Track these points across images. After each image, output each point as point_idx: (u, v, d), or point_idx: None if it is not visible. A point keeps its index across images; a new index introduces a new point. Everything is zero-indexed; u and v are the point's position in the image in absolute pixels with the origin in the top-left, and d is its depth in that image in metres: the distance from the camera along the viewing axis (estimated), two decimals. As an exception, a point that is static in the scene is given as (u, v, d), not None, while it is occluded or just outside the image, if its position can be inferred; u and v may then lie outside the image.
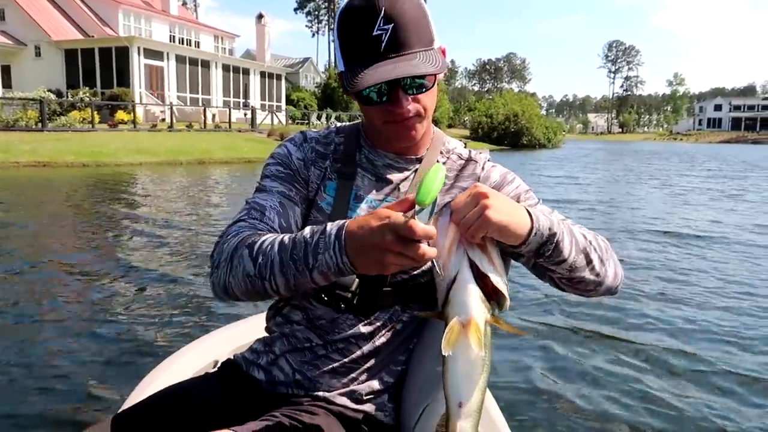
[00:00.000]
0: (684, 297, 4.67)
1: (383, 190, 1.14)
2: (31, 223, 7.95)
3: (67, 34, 32.04)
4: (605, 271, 1.03)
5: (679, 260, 6.06)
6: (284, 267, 0.92)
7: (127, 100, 27.12)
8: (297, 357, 1.13)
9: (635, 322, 4.01)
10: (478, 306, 0.84)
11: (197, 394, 1.12)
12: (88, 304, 4.31)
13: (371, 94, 1.02)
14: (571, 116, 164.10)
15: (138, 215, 8.82)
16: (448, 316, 0.84)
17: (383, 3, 0.97)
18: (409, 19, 0.98)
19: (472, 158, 1.20)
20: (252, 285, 0.96)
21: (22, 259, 5.74)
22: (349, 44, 1.00)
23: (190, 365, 1.59)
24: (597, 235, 1.08)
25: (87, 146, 17.77)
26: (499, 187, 1.15)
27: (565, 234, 0.97)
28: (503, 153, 35.02)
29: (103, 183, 13.24)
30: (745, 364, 3.33)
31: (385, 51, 0.97)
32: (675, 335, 3.77)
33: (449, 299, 0.85)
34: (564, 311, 4.23)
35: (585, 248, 1.00)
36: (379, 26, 0.96)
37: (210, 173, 16.35)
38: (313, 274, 0.90)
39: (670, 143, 77.98)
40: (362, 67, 0.97)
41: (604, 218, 9.11)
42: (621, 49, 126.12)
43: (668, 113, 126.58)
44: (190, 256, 5.89)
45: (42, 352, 3.37)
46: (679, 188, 14.63)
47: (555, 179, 16.37)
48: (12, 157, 15.69)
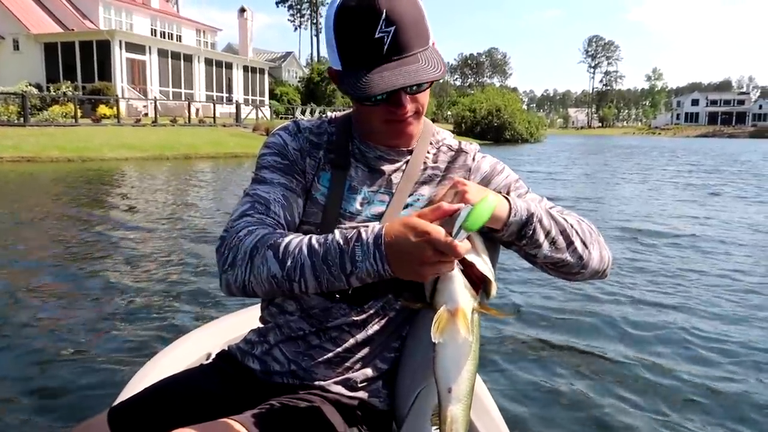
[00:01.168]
0: (668, 298, 4.55)
1: (376, 182, 1.14)
2: (20, 219, 7.93)
3: (46, 28, 31.52)
4: (588, 253, 1.03)
5: (669, 261, 5.88)
6: (317, 271, 0.91)
7: (109, 94, 26.78)
8: (291, 347, 1.13)
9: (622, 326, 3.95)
10: (465, 294, 0.86)
11: (193, 386, 1.12)
12: (79, 298, 4.32)
13: (378, 97, 1.01)
14: (551, 111, 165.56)
15: (127, 210, 8.83)
16: (437, 305, 0.86)
17: (383, 4, 0.95)
18: (410, 20, 0.97)
19: (463, 149, 1.20)
20: (278, 285, 0.95)
21: (7, 254, 5.77)
22: (349, 45, 0.99)
23: (185, 357, 1.58)
24: (582, 219, 1.08)
25: (71, 141, 17.60)
26: (489, 177, 1.16)
27: (543, 215, 0.99)
28: (487, 148, 35.23)
29: (90, 178, 13.16)
30: (721, 372, 3.26)
31: (387, 54, 0.96)
32: (661, 339, 3.72)
33: (437, 289, 0.87)
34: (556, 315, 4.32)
35: (565, 230, 1.01)
36: (380, 29, 0.95)
37: (197, 168, 16.31)
38: (350, 279, 0.90)
39: (649, 137, 79.18)
40: (365, 70, 0.97)
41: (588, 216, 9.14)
42: (600, 45, 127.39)
43: (647, 108, 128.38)
44: (180, 250, 5.90)
45: (32, 347, 3.36)
46: (664, 184, 14.49)
47: (541, 175, 16.50)
48: (-5, 153, 15.50)
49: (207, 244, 6.05)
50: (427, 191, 1.14)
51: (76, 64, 30.13)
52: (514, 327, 3.80)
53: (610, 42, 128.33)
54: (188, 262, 5.37)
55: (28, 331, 3.61)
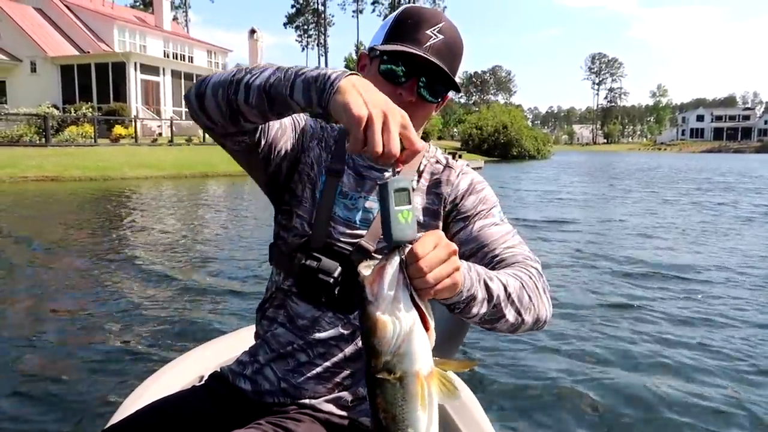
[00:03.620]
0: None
1: (365, 189, 1.18)
2: (42, 236, 8.25)
3: (63, 50, 32.22)
4: (520, 321, 1.01)
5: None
6: (270, 73, 0.95)
7: (124, 115, 27.34)
8: (281, 365, 1.15)
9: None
10: (429, 354, 0.79)
11: (185, 407, 1.14)
12: (80, 318, 4.39)
13: (392, 68, 1.10)
14: (556, 127, 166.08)
15: (151, 227, 9.15)
16: (407, 371, 0.77)
17: (443, 18, 1.12)
18: (454, 44, 1.12)
19: (449, 165, 1.24)
20: (230, 86, 0.98)
21: (21, 269, 6.03)
22: (401, 29, 1.11)
23: (178, 379, 1.60)
24: (531, 276, 1.06)
25: (92, 161, 18.01)
26: (463, 194, 1.19)
27: (479, 292, 0.93)
28: (494, 165, 35.58)
29: (113, 197, 13.55)
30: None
31: (426, 48, 1.08)
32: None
33: (403, 351, 0.77)
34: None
35: (499, 304, 0.97)
36: (433, 30, 1.09)
37: (215, 186, 16.66)
38: (296, 81, 0.91)
39: (655, 153, 79.35)
40: (400, 43, 1.09)
41: (591, 247, 7.80)
42: (604, 62, 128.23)
43: (652, 124, 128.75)
44: (192, 270, 6.06)
45: (28, 365, 3.42)
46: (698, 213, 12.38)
47: (550, 194, 16.58)
48: (20, 172, 15.91)
49: (222, 260, 6.32)
50: (413, 200, 1.24)
51: (92, 86, 30.75)
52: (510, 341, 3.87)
53: (613, 59, 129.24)
54: (194, 281, 5.48)
55: (22, 348, 3.71)
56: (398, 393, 0.77)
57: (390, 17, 1.15)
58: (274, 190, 1.23)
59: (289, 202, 1.20)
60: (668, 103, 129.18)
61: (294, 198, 1.19)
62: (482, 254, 1.12)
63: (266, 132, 1.12)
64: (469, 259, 1.11)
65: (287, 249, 1.17)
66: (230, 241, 7.80)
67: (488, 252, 1.11)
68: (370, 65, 1.15)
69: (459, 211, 1.17)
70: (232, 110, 1.00)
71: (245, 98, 0.96)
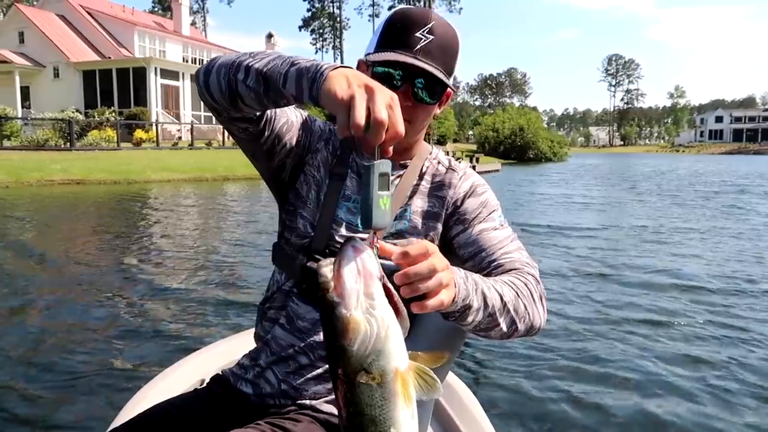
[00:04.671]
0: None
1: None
2: (66, 238, 8.45)
3: (85, 56, 32.82)
4: (514, 329, 1.02)
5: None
6: (270, 59, 0.96)
7: (144, 119, 27.79)
8: (282, 368, 1.16)
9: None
10: (404, 348, 0.76)
11: (187, 410, 1.15)
12: (90, 318, 4.49)
13: (387, 74, 1.09)
14: (572, 129, 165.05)
15: (168, 230, 9.32)
16: (385, 369, 0.73)
17: (433, 18, 1.10)
18: (447, 43, 1.11)
19: (452, 167, 1.24)
20: (232, 67, 0.99)
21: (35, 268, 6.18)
22: (392, 33, 1.11)
23: (179, 382, 1.60)
24: (526, 286, 1.06)
25: (116, 164, 18.34)
26: (464, 198, 1.20)
27: (475, 301, 0.94)
28: (510, 167, 35.52)
29: (136, 199, 13.81)
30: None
31: (416, 51, 1.08)
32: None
33: (379, 349, 0.72)
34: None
35: (494, 314, 0.98)
36: (422, 32, 1.09)
37: (235, 189, 16.85)
38: (290, 70, 0.91)
39: (673, 155, 78.57)
40: (391, 51, 1.09)
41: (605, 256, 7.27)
42: (621, 63, 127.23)
43: (669, 125, 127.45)
44: (206, 272, 6.13)
45: (30, 366, 3.46)
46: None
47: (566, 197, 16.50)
48: (46, 176, 16.24)
49: (243, 264, 6.40)
50: (415, 203, 1.19)
51: (113, 91, 31.27)
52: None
53: (630, 60, 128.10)
54: (205, 284, 5.57)
55: (25, 347, 3.79)
56: (376, 393, 0.73)
57: (380, 23, 1.15)
58: (278, 186, 1.24)
59: (294, 203, 1.20)
60: (686, 104, 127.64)
61: (299, 198, 1.20)
62: (480, 258, 1.13)
63: (271, 123, 1.13)
64: (467, 262, 1.14)
65: (290, 249, 1.19)
66: (245, 244, 7.90)
67: (486, 256, 1.12)
68: (366, 72, 1.13)
69: (459, 213, 1.18)
70: (231, 91, 1.00)
71: (244, 80, 0.97)
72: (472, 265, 1.13)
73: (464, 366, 3.56)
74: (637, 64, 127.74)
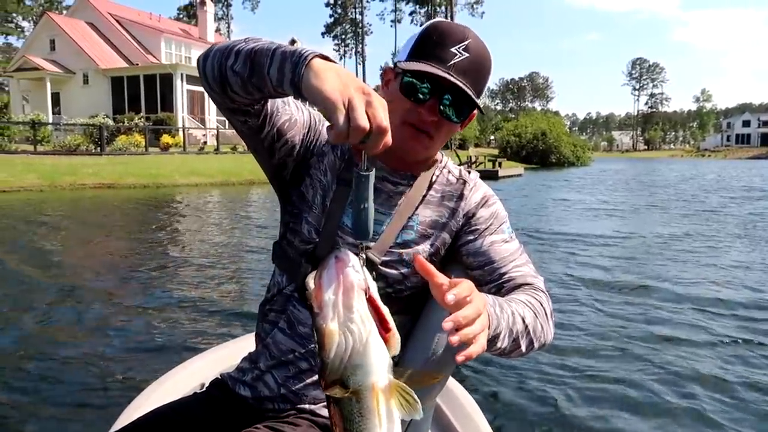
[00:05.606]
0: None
1: (376, 200, 1.11)
2: (95, 239, 8.68)
3: (113, 63, 33.51)
4: (530, 349, 1.06)
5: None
6: (261, 43, 0.95)
7: (171, 124, 28.32)
8: (282, 372, 1.15)
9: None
10: (387, 365, 0.74)
11: (186, 414, 1.15)
12: (97, 318, 4.56)
13: (415, 86, 1.06)
14: (594, 134, 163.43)
15: (193, 233, 9.51)
16: (362, 384, 0.72)
17: (470, 36, 1.08)
18: (480, 63, 1.09)
19: (463, 177, 1.22)
20: (225, 52, 0.97)
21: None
22: (425, 46, 1.08)
23: (179, 387, 1.60)
24: (541, 306, 1.10)
25: (145, 169, 18.73)
26: (476, 209, 1.19)
27: (503, 330, 0.97)
28: (533, 172, 35.32)
29: (166, 202, 14.14)
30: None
31: (450, 66, 1.06)
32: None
33: (356, 363, 0.71)
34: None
35: (517, 338, 1.01)
36: (458, 48, 1.06)
37: (262, 193, 17.07)
38: (276, 52, 0.89)
39: (698, 160, 77.37)
40: (423, 61, 1.06)
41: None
42: (645, 67, 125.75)
43: (695, 129, 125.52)
44: (225, 274, 6.22)
45: (34, 365, 3.51)
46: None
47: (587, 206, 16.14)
48: (79, 180, 16.66)
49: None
50: (423, 212, 1.17)
51: (141, 96, 31.85)
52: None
53: (654, 64, 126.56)
54: (219, 288, 5.59)
55: (29, 346, 3.85)
56: (354, 408, 0.72)
57: (416, 32, 1.13)
58: (279, 185, 1.22)
59: (299, 206, 1.18)
60: (712, 108, 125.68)
61: (304, 202, 1.17)
62: (491, 269, 1.15)
63: (272, 119, 1.10)
64: (475, 271, 1.16)
65: (292, 252, 1.17)
66: (267, 251, 7.94)
67: (497, 269, 1.14)
68: (394, 80, 1.12)
69: (471, 224, 1.18)
70: (221, 77, 0.97)
71: (232, 66, 0.95)
72: (481, 274, 1.15)
73: (464, 370, 3.55)
74: (661, 68, 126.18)
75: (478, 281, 1.13)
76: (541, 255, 7.30)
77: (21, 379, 3.35)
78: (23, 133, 23.34)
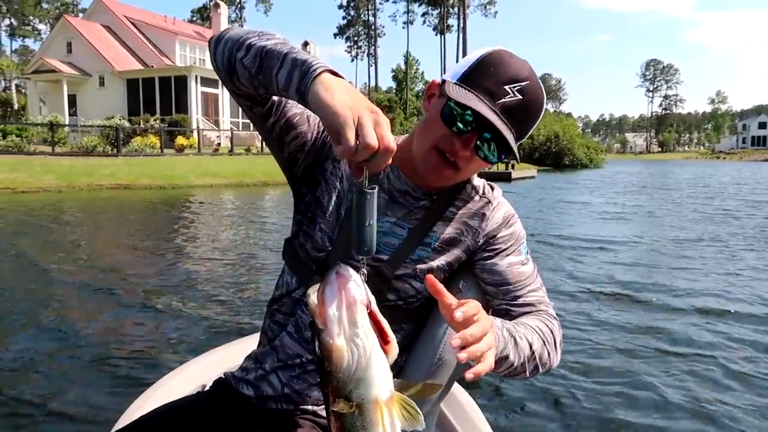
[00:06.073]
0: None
1: (396, 213, 1.13)
2: (110, 238, 8.79)
3: (129, 65, 33.86)
4: (535, 373, 1.08)
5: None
6: (274, 42, 0.95)
7: (185, 126, 28.57)
8: (286, 372, 1.15)
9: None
10: (388, 378, 0.76)
11: (189, 413, 1.15)
12: (104, 317, 4.57)
13: (459, 116, 1.01)
14: (607, 136, 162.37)
15: (208, 234, 9.61)
16: (365, 398, 0.73)
17: (529, 77, 1.02)
18: (531, 110, 1.03)
19: (486, 195, 1.19)
20: (237, 42, 0.97)
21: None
22: (479, 73, 1.02)
23: (182, 386, 1.59)
24: (551, 334, 1.11)
25: (160, 170, 18.92)
26: (498, 229, 1.17)
27: (510, 354, 0.99)
28: (546, 174, 35.18)
29: (181, 203, 14.27)
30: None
31: (498, 104, 1.00)
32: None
33: (360, 377, 0.73)
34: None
35: (523, 363, 1.03)
36: (513, 87, 1.00)
37: (276, 194, 17.18)
38: (287, 57, 0.90)
39: (713, 162, 76.61)
40: (475, 92, 1.00)
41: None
42: (659, 68, 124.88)
43: (709, 131, 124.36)
44: (235, 275, 6.25)
45: (39, 364, 3.52)
46: None
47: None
48: (96, 180, 16.88)
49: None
50: (441, 229, 1.15)
51: (156, 98, 32.11)
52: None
53: (669, 65, 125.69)
54: (231, 288, 5.64)
55: (37, 345, 3.86)
56: (357, 422, 0.73)
57: (477, 54, 1.06)
58: (292, 180, 1.19)
59: (313, 210, 1.15)
60: (728, 110, 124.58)
61: (319, 207, 1.14)
62: (505, 290, 1.14)
63: (279, 109, 1.08)
64: (488, 287, 1.15)
65: (304, 255, 1.16)
66: (276, 249, 8.01)
67: (511, 291, 1.14)
68: (437, 98, 1.08)
69: (490, 243, 1.16)
70: (230, 64, 0.98)
71: (242, 58, 0.95)
72: (494, 292, 1.15)
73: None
74: (675, 69, 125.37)
75: (489, 296, 1.16)
76: (552, 258, 7.24)
77: (26, 373, 3.38)
78: (40, 135, 23.71)
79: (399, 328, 1.13)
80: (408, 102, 53.68)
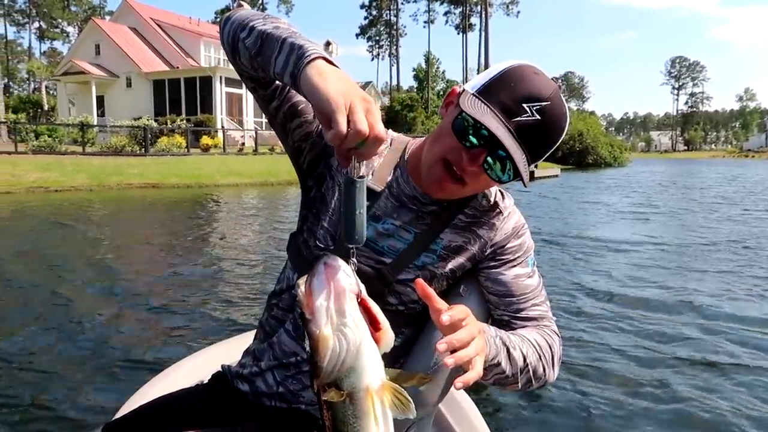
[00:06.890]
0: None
1: (402, 218, 1.11)
2: (141, 237, 9.02)
3: (155, 66, 34.48)
4: (528, 387, 1.06)
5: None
6: (276, 25, 0.96)
7: (210, 125, 29.01)
8: (282, 371, 1.15)
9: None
10: (379, 366, 0.75)
11: (185, 406, 1.17)
12: (114, 311, 4.65)
13: (471, 130, 0.98)
14: (632, 134, 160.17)
15: (231, 231, 9.78)
16: (356, 387, 0.73)
17: (552, 97, 0.97)
18: (549, 132, 0.98)
19: (498, 205, 1.16)
20: (242, 23, 0.99)
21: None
22: (499, 87, 0.98)
23: (183, 378, 1.60)
24: (549, 348, 1.09)
25: (187, 169, 19.26)
26: (506, 240, 1.14)
27: (503, 361, 0.98)
28: (569, 172, 34.86)
29: (209, 202, 14.53)
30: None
31: (513, 121, 0.96)
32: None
33: (350, 366, 0.72)
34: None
35: (516, 374, 1.02)
36: (532, 106, 0.96)
37: (299, 194, 17.28)
38: (286, 41, 0.91)
39: (742, 160, 75.09)
40: (491, 106, 0.96)
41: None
42: (685, 65, 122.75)
43: (737, 129, 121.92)
44: (257, 273, 6.32)
45: (39, 360, 3.54)
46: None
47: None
48: (125, 180, 17.25)
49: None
50: (448, 237, 1.13)
51: (181, 99, 32.64)
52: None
53: (695, 62, 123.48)
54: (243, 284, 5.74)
55: (41, 339, 3.91)
56: (348, 410, 0.73)
57: (500, 66, 1.02)
58: (299, 171, 1.18)
59: (318, 207, 1.14)
60: (756, 107, 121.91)
61: (324, 204, 1.13)
62: (508, 302, 1.12)
63: (283, 93, 1.08)
64: (491, 297, 1.14)
65: (306, 252, 1.15)
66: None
67: (514, 303, 1.12)
68: (454, 107, 1.03)
69: (497, 253, 1.14)
70: (233, 43, 1.00)
71: (245, 37, 0.97)
72: (497, 302, 1.14)
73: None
74: (702, 66, 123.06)
75: (492, 305, 1.15)
76: (567, 258, 7.13)
77: (25, 369, 3.42)
78: (70, 135, 24.34)
79: (400, 333, 1.12)
80: (429, 101, 53.66)
